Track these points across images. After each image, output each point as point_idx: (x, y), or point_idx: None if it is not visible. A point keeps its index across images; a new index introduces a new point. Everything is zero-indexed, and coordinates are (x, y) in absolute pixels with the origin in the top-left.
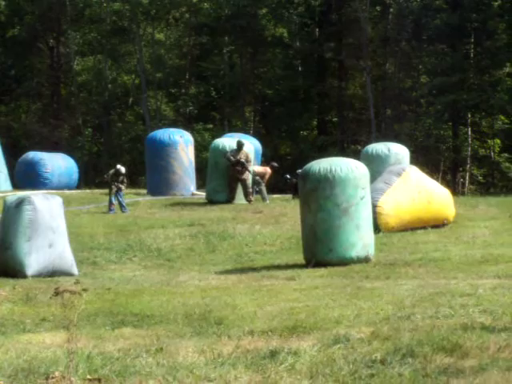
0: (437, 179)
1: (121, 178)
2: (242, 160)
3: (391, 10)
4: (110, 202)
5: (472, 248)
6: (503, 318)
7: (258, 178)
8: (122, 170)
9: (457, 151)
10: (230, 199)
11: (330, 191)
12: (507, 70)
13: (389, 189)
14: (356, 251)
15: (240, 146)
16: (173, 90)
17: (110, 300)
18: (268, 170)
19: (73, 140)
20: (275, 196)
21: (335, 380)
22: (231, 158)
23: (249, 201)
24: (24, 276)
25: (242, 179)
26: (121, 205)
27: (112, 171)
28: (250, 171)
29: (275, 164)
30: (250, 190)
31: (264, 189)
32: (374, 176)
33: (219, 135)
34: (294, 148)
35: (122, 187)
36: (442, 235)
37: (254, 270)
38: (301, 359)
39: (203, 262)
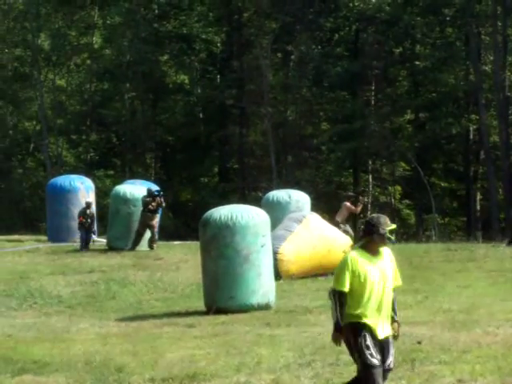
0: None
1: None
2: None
3: (292, 57)
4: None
5: None
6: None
7: (348, 231)
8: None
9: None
10: (134, 245)
11: (231, 238)
12: (408, 117)
13: (289, 236)
14: (257, 298)
15: (150, 193)
16: (74, 137)
17: (10, 347)
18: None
19: None
20: (176, 243)
21: None
22: (150, 206)
23: (151, 247)
24: None
25: (151, 225)
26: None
27: (82, 209)
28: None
29: (363, 198)
30: (156, 236)
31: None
32: (275, 223)
33: (120, 182)
34: (194, 195)
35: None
36: None
37: (154, 317)
38: None
39: (104, 309)
